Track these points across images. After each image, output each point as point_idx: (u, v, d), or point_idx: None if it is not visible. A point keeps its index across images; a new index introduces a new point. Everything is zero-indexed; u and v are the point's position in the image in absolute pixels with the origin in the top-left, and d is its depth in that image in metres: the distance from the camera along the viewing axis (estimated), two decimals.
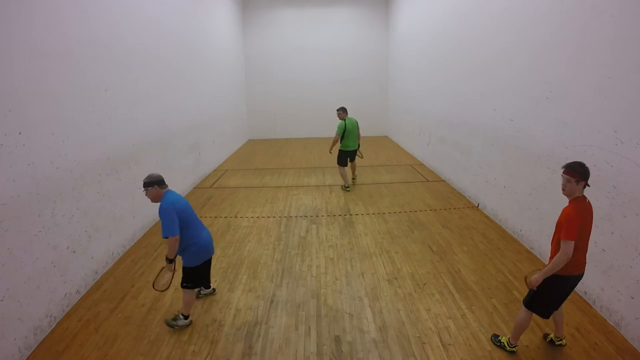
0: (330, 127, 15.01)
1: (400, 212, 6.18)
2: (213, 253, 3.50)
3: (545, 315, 2.85)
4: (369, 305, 3.67)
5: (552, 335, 3.09)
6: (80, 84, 4.05)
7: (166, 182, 3.26)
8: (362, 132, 14.89)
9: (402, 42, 12.16)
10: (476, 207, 6.31)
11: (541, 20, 4.43)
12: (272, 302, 3.78)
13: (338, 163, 7.53)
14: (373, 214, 6.12)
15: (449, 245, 4.92)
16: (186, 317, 3.40)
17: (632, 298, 3.12)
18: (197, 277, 3.36)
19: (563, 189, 2.69)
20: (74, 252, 3.84)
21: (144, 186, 3.14)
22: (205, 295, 3.86)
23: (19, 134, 3.14)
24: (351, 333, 3.30)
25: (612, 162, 3.34)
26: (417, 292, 3.88)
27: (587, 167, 2.64)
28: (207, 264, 3.47)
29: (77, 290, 3.86)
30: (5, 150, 2.99)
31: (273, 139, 14.35)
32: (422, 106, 9.84)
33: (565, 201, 2.77)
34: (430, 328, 3.32)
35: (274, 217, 6.07)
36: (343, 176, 7.50)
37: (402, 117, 12.32)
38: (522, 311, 2.91)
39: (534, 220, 4.62)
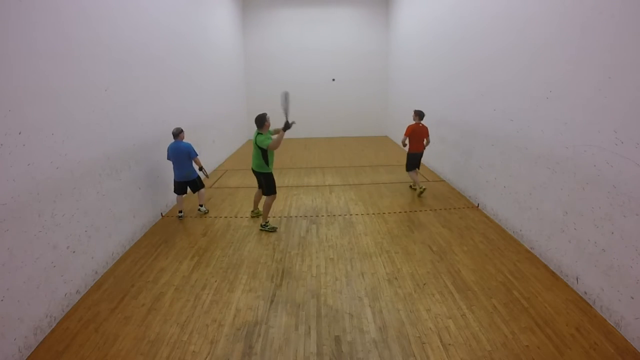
0: (330, 127, 15.08)
1: (400, 212, 6.18)
2: (181, 180, 5.96)
3: None
4: (369, 305, 3.67)
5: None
6: (80, 84, 4.05)
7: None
8: (362, 132, 15.09)
9: (402, 42, 12.16)
10: (476, 207, 6.31)
11: (541, 20, 4.43)
12: (272, 302, 3.78)
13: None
14: (373, 214, 6.12)
15: (449, 245, 4.91)
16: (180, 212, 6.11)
17: (632, 298, 3.12)
18: (174, 186, 6.07)
19: None
20: (74, 252, 3.84)
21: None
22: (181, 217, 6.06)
23: (19, 134, 3.14)
24: (351, 333, 3.29)
25: (612, 162, 3.34)
26: (417, 292, 3.87)
27: None
28: (176, 183, 6.01)
29: (77, 290, 3.86)
30: (5, 150, 2.99)
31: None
32: (422, 106, 9.80)
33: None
34: (430, 328, 3.32)
35: (274, 217, 6.07)
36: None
37: (402, 117, 12.31)
38: None
39: (534, 220, 4.62)
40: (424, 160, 9.74)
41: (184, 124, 7.28)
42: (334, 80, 13.21)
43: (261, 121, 5.26)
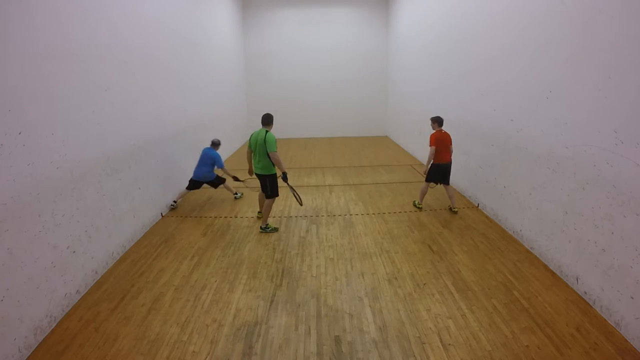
0: (330, 127, 15.09)
1: (400, 212, 6.18)
2: (197, 179, 6.49)
3: None
4: (369, 305, 3.67)
5: None
6: (81, 84, 4.05)
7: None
8: (362, 133, 15.08)
9: (402, 42, 12.16)
10: (476, 207, 6.31)
11: (541, 20, 4.43)
12: (272, 302, 3.78)
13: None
14: (373, 214, 6.12)
15: (449, 245, 4.91)
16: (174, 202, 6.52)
17: (632, 298, 3.12)
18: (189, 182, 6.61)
19: None
20: (74, 252, 3.84)
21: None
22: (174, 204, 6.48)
23: (19, 134, 3.14)
24: (351, 333, 3.29)
25: (612, 162, 3.34)
26: (417, 292, 3.87)
27: None
28: (191, 181, 6.54)
29: (77, 290, 3.86)
30: (5, 150, 2.99)
31: None
32: (422, 106, 9.83)
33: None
34: (430, 328, 3.32)
35: (274, 217, 6.07)
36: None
37: (402, 117, 12.32)
38: None
39: (534, 220, 4.62)
40: (423, 159, 9.77)
41: (184, 124, 7.29)
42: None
43: (270, 119, 5.48)
